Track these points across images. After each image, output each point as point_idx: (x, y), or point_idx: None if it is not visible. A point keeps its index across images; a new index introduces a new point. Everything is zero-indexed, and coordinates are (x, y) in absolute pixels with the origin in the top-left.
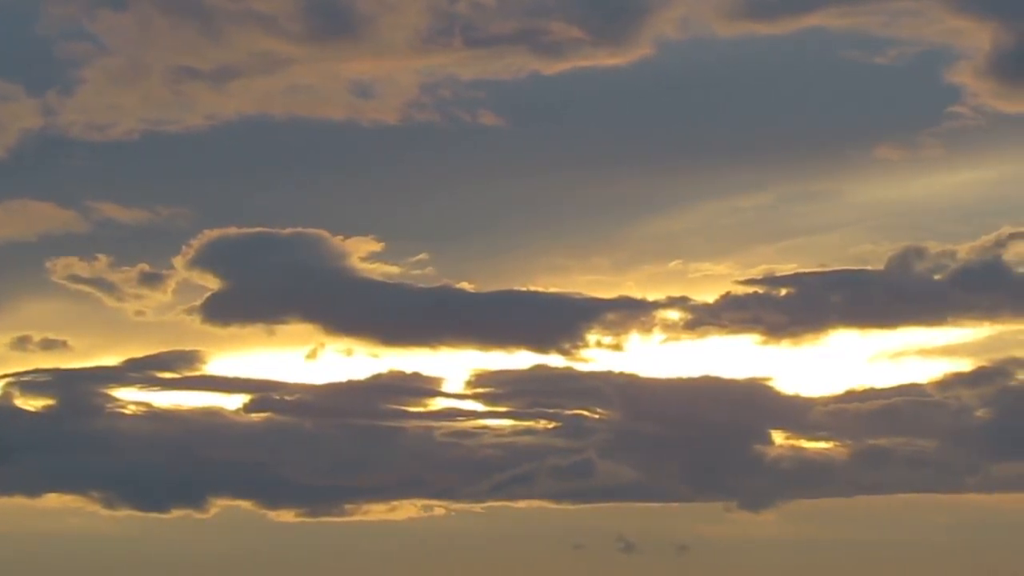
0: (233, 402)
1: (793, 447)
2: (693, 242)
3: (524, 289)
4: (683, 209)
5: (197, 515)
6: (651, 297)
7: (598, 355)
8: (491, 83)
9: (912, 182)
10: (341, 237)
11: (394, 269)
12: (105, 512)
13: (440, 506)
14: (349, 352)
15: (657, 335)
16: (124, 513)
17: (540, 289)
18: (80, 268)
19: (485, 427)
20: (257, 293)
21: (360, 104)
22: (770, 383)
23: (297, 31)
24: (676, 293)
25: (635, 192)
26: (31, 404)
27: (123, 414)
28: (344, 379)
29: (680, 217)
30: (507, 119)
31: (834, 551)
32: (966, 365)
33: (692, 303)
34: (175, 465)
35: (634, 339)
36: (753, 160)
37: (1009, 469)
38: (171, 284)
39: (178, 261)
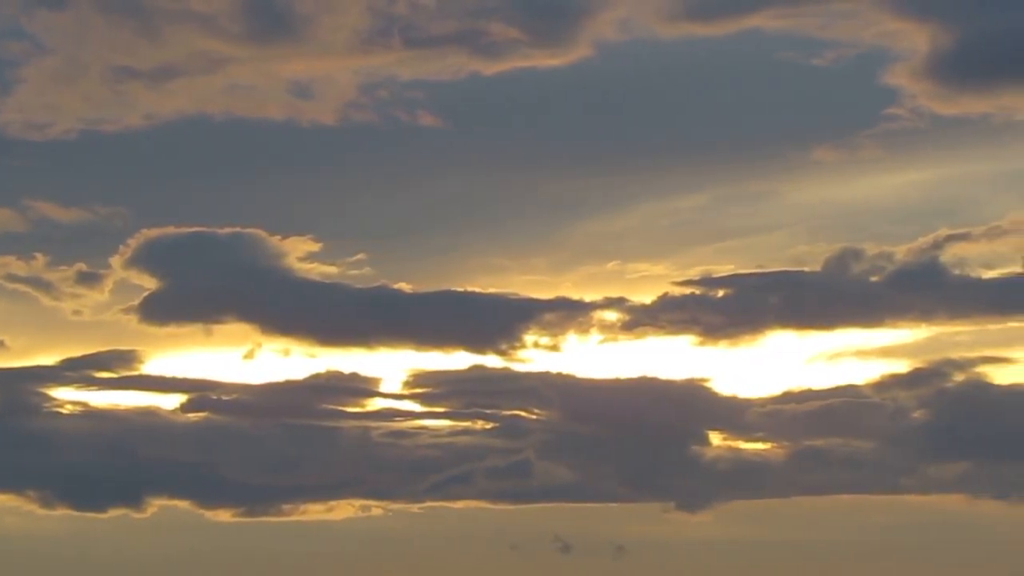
0: (170, 402)
1: (730, 448)
2: (631, 243)
3: (461, 289)
4: (621, 210)
5: (134, 515)
6: (588, 298)
7: (536, 356)
8: (430, 84)
9: (850, 184)
10: (279, 237)
11: (332, 269)
12: (42, 511)
13: (377, 506)
14: (286, 352)
15: (594, 336)
16: (61, 512)
17: (478, 289)
18: (17, 267)
19: (423, 427)
20: (194, 293)
21: (298, 104)
22: (707, 384)
23: (236, 31)
24: (614, 294)
25: (573, 193)
26: None
27: (60, 413)
28: (281, 379)
29: (618, 218)
30: (446, 120)
31: (771, 552)
32: (903, 366)
33: (629, 304)
34: (112, 465)
35: (571, 340)
36: (691, 161)
37: (945, 470)
38: (108, 283)
39: (116, 260)
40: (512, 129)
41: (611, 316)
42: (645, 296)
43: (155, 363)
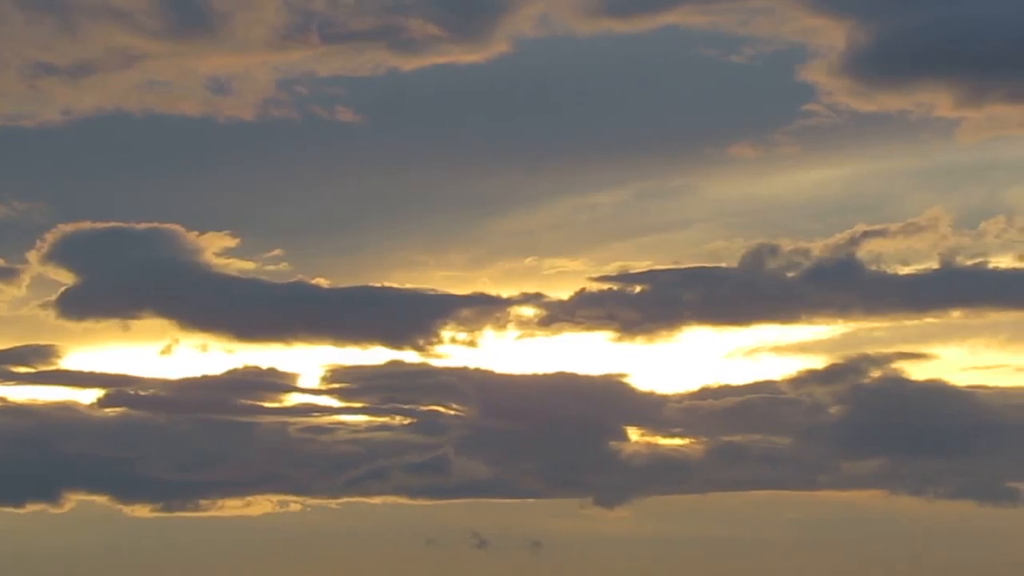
0: (88, 396)
1: (648, 444)
2: (548, 238)
3: (379, 285)
4: (538, 206)
5: (52, 510)
6: (505, 293)
7: (453, 351)
8: (348, 80)
9: (767, 180)
10: (196, 233)
11: (249, 265)
12: None
13: (295, 501)
14: (204, 347)
15: (512, 331)
16: None
17: (395, 285)
18: None
19: (340, 423)
20: (112, 288)
21: (217, 100)
22: (625, 380)
23: (154, 27)
24: (531, 289)
25: (491, 188)
26: None
27: None
28: (199, 374)
29: (535, 214)
30: (364, 116)
31: (688, 547)
32: (819, 362)
33: (546, 300)
34: (30, 459)
35: (488, 335)
36: (608, 157)
37: (860, 467)
38: (26, 279)
39: (33, 255)
40: (430, 125)
41: (528, 312)
42: (562, 292)
43: (73, 358)
